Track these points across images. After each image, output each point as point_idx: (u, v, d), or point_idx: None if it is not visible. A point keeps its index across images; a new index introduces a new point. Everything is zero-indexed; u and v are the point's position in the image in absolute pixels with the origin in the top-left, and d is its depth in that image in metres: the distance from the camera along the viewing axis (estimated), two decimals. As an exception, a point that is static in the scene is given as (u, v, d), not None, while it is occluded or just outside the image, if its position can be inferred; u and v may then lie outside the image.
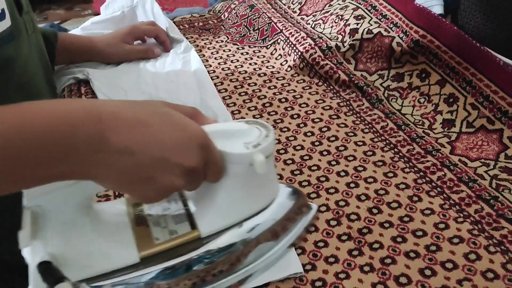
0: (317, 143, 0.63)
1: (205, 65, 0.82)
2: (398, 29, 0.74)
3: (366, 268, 0.45)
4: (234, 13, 1.00)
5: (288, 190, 0.44)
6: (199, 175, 0.36)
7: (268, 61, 0.84)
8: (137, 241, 0.38)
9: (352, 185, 0.55)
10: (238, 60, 0.84)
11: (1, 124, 0.28)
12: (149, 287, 0.38)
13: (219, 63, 0.84)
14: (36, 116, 0.29)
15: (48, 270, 0.34)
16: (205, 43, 0.91)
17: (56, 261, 0.35)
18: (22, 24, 0.60)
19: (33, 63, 0.63)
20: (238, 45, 0.90)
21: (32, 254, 0.35)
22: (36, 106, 0.30)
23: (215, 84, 0.77)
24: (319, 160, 0.60)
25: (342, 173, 0.57)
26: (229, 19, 1.01)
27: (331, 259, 0.46)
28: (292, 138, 0.64)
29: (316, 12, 0.92)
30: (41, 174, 0.30)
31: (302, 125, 0.67)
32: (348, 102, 0.71)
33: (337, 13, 0.86)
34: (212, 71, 0.81)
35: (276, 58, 0.84)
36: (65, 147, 0.29)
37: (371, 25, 0.78)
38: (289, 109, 0.70)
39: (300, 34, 0.83)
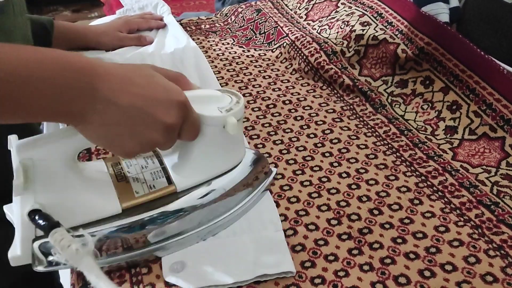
0: (319, 145, 0.63)
1: (210, 66, 0.82)
2: (403, 36, 0.75)
3: (366, 267, 0.45)
4: (241, 17, 1.01)
5: (252, 154, 0.51)
6: (175, 133, 0.40)
7: (273, 64, 0.84)
8: (119, 194, 0.43)
9: (353, 186, 0.55)
10: (243, 62, 0.85)
11: (21, 59, 0.33)
12: (131, 236, 0.41)
13: (224, 64, 0.84)
14: (44, 58, 0.34)
15: (41, 217, 0.36)
16: (211, 45, 0.92)
17: (44, 210, 0.37)
18: (10, 2, 0.59)
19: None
20: (244, 48, 0.91)
21: (21, 204, 0.37)
22: (47, 52, 0.35)
23: (220, 84, 0.77)
24: (321, 161, 0.60)
25: (344, 175, 0.57)
26: (235, 22, 1.01)
27: (331, 257, 0.46)
28: (295, 139, 0.64)
29: (322, 17, 0.93)
30: (38, 108, 0.34)
31: (305, 126, 0.67)
32: (351, 106, 0.71)
33: (343, 19, 0.86)
34: (217, 72, 0.82)
35: (281, 62, 0.85)
36: (62, 88, 0.34)
37: (377, 31, 0.78)
38: (292, 111, 0.71)
39: (306, 39, 0.84)
